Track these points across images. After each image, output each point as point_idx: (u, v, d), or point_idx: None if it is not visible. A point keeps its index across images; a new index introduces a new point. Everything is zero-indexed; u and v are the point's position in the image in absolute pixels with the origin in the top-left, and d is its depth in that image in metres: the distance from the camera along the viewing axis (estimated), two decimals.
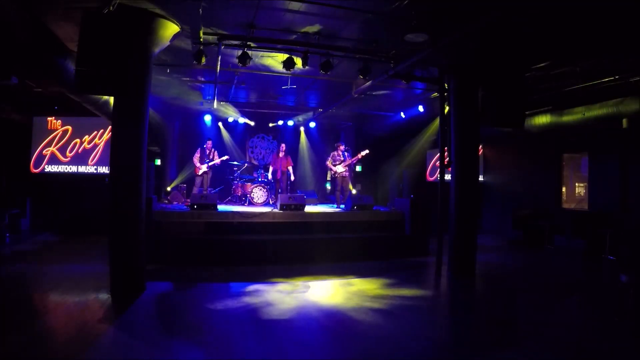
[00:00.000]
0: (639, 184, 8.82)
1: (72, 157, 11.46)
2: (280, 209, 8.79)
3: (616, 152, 9.33)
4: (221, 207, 9.08)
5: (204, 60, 6.53)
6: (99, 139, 11.57)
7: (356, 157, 10.56)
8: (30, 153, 11.26)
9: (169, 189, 11.59)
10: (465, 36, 5.76)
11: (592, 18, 5.46)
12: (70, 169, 11.47)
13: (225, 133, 13.03)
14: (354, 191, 12.80)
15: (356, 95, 9.47)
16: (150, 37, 5.84)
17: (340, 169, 10.30)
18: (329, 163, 10.45)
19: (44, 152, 11.34)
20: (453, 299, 6.39)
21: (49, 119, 11.37)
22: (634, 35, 5.77)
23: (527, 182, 11.92)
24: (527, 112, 8.39)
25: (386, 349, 4.19)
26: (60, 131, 11.42)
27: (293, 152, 13.07)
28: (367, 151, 10.34)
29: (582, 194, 10.99)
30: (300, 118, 13.26)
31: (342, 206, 10.20)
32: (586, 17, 5.45)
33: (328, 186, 14.22)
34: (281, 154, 11.37)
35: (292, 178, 11.36)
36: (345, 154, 10.53)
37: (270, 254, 7.96)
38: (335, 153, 10.42)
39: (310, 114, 12.60)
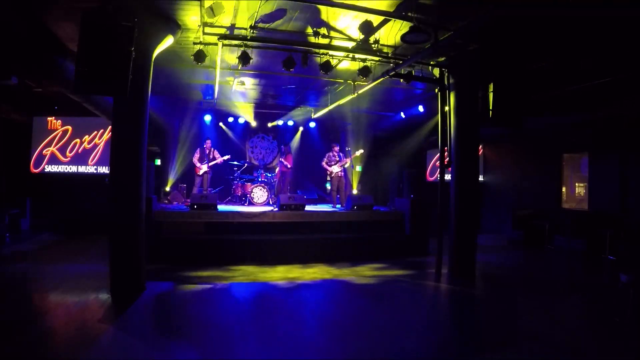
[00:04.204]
0: (639, 184, 8.82)
1: (72, 157, 11.47)
2: (280, 209, 8.78)
3: (616, 152, 9.32)
4: (221, 207, 9.08)
5: (204, 60, 6.53)
6: (99, 139, 11.58)
7: (350, 157, 10.57)
8: (30, 153, 11.27)
9: (167, 188, 11.57)
10: (464, 36, 5.76)
11: (590, 18, 5.46)
12: (70, 169, 11.47)
13: (225, 132, 13.01)
14: (354, 191, 12.80)
15: (356, 95, 9.47)
16: (151, 37, 5.84)
17: (335, 169, 10.32)
18: (324, 164, 10.46)
19: (44, 152, 11.34)
20: (452, 299, 6.39)
21: (49, 119, 11.38)
22: (633, 35, 5.77)
23: (527, 182, 11.91)
24: (527, 112, 8.38)
25: (381, 348, 4.19)
26: (60, 131, 11.42)
27: (293, 152, 13.06)
28: (361, 151, 10.57)
29: (582, 194, 10.98)
30: (300, 118, 13.25)
31: (338, 206, 10.24)
32: (585, 17, 5.45)
33: (328, 186, 14.17)
34: (284, 155, 11.37)
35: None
36: (341, 154, 10.55)
37: (270, 254, 7.96)
38: (331, 154, 10.46)
39: (311, 113, 12.59)
